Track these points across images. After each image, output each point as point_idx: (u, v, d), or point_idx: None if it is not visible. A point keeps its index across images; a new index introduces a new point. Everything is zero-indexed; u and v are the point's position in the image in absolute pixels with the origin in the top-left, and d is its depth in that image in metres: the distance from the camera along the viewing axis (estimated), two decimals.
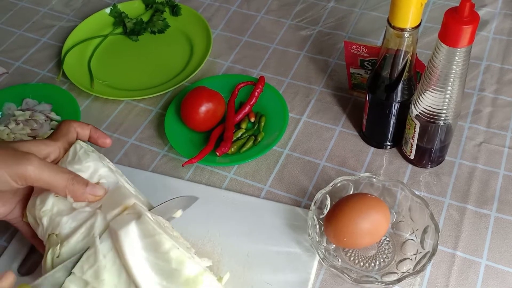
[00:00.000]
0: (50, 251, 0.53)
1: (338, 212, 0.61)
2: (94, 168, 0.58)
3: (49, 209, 0.55)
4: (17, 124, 0.78)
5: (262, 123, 0.78)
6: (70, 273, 0.52)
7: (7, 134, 0.76)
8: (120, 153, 0.78)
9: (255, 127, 0.78)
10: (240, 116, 0.78)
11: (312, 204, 0.63)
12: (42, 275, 0.53)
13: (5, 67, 0.92)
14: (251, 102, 0.80)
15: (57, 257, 0.53)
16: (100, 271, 0.51)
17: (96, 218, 0.54)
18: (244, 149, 0.75)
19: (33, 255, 0.67)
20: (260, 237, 0.66)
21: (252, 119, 0.79)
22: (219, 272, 0.63)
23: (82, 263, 0.52)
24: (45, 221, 0.55)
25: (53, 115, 0.82)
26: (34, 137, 0.77)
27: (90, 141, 0.61)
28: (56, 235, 0.54)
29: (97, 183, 0.57)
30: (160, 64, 0.91)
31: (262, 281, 0.62)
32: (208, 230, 0.67)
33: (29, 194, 0.58)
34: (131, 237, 0.51)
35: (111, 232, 0.52)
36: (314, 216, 0.63)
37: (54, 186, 0.53)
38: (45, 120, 0.80)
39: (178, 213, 0.62)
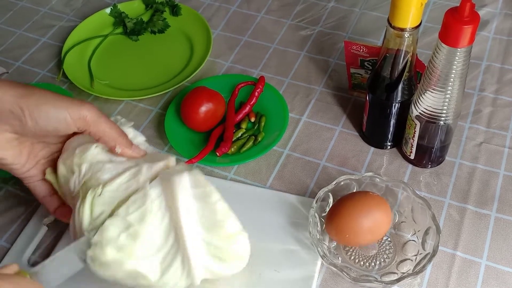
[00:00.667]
0: (90, 192, 0.54)
1: (340, 209, 0.61)
2: (134, 134, 0.61)
3: (89, 157, 0.57)
4: None
5: (262, 123, 0.78)
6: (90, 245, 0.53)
7: None
8: None
9: (255, 127, 0.78)
10: (240, 116, 0.78)
11: (314, 201, 0.63)
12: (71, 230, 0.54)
13: (5, 67, 0.92)
14: (251, 102, 0.80)
15: (99, 195, 0.54)
16: (146, 215, 0.52)
17: (141, 166, 0.55)
18: (244, 149, 0.75)
19: (41, 248, 0.67)
20: (266, 226, 0.66)
21: (252, 119, 0.79)
22: None
23: (128, 205, 0.52)
24: (84, 167, 0.56)
25: None
26: None
27: None
28: (96, 179, 0.55)
29: None
30: (160, 64, 0.91)
31: (270, 268, 0.62)
32: None
33: (50, 157, 0.61)
34: (184, 184, 0.53)
35: (162, 180, 0.54)
36: (316, 214, 0.63)
37: (107, 135, 0.56)
38: None
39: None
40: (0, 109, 0.53)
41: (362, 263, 0.63)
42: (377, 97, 0.69)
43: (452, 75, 0.59)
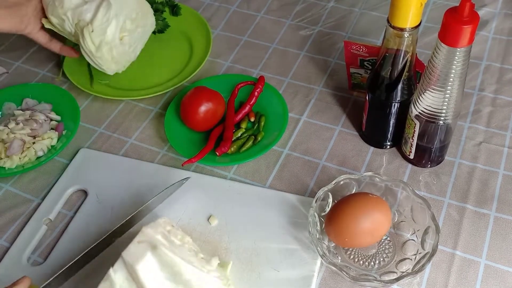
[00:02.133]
0: (84, 31, 0.75)
1: (339, 211, 0.61)
2: None
3: (67, 5, 0.75)
4: (17, 123, 0.78)
5: (262, 123, 0.78)
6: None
7: (6, 133, 0.76)
8: (120, 152, 0.78)
9: (255, 127, 0.78)
10: (240, 115, 0.78)
11: (314, 201, 0.63)
12: None
13: (5, 66, 0.93)
14: (251, 102, 0.80)
15: (92, 31, 0.75)
16: None
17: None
18: (243, 148, 0.75)
19: (41, 247, 0.68)
20: (266, 225, 0.67)
21: (252, 119, 0.79)
22: (227, 259, 0.64)
23: None
24: (69, 14, 0.75)
25: (53, 114, 0.82)
26: (34, 137, 0.77)
27: None
28: (83, 20, 0.75)
29: None
30: (160, 64, 0.91)
31: (269, 267, 0.62)
32: (216, 220, 0.68)
33: (37, 8, 0.79)
34: (149, 270, 0.52)
35: (126, 265, 0.52)
36: (315, 214, 0.63)
37: None
38: (45, 120, 0.80)
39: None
40: None
41: (361, 262, 0.63)
42: (377, 96, 0.69)
43: (452, 75, 0.59)
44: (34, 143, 0.77)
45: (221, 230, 0.67)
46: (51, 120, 0.81)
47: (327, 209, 0.65)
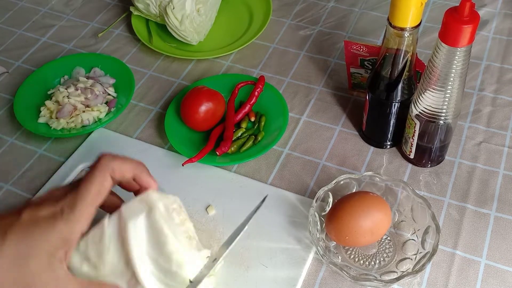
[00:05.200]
0: (167, 8, 0.86)
1: (339, 210, 0.61)
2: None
3: None
4: (76, 89, 0.81)
5: (262, 123, 0.78)
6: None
7: (63, 97, 0.80)
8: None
9: (255, 127, 0.78)
10: (240, 115, 0.78)
11: (314, 201, 0.63)
12: None
13: (5, 66, 0.93)
14: (251, 102, 0.80)
15: (173, 8, 0.86)
16: (103, 252, 0.52)
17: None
18: (244, 148, 0.75)
19: None
20: (263, 222, 0.67)
21: (252, 119, 0.79)
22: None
23: (87, 240, 0.52)
24: None
25: (111, 90, 0.85)
26: (87, 106, 0.81)
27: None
28: (164, 0, 0.86)
29: None
30: (223, 27, 0.97)
31: (258, 263, 0.63)
32: (214, 210, 0.69)
33: None
34: (138, 230, 0.52)
35: (120, 218, 0.53)
36: (316, 213, 0.63)
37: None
38: (102, 93, 0.83)
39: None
40: None
41: (362, 262, 0.63)
42: (377, 96, 0.69)
43: (452, 75, 0.59)
44: (84, 111, 0.80)
45: (217, 220, 0.67)
46: (108, 94, 0.84)
47: (327, 209, 0.65)
